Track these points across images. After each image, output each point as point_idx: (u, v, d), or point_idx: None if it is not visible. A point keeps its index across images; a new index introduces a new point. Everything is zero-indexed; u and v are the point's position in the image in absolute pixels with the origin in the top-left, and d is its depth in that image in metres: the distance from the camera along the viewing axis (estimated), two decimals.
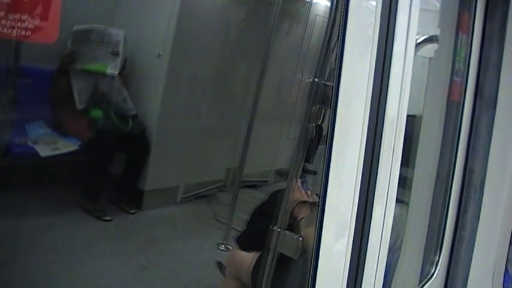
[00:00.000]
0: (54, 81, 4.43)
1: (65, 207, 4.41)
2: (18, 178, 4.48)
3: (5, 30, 1.10)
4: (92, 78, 4.51)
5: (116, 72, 4.52)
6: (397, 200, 1.62)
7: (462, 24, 2.25)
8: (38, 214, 4.16)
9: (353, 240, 1.43)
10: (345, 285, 1.43)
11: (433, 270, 2.37)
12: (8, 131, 3.70)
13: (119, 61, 4.53)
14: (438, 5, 2.32)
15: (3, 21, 1.09)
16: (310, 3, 6.25)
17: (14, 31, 1.11)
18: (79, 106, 4.44)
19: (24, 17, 1.11)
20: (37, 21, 1.14)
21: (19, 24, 1.11)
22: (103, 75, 4.51)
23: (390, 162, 1.52)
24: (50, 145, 4.21)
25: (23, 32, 1.12)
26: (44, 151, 4.12)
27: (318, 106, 1.61)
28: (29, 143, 4.15)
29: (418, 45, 1.94)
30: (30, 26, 1.13)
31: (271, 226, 1.76)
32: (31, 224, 4.00)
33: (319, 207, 1.36)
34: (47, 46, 3.77)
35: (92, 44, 4.49)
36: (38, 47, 3.43)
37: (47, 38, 1.19)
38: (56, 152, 4.19)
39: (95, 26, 4.52)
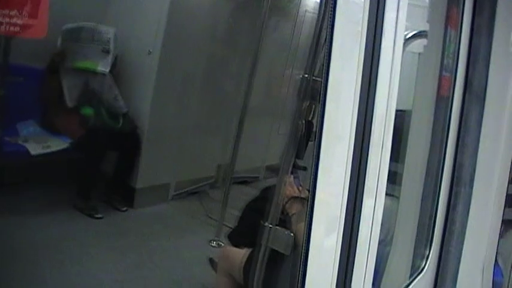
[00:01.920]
0: (45, 79, 4.41)
1: (56, 205, 4.40)
2: (8, 177, 4.46)
3: None
4: (83, 76, 4.50)
5: (107, 69, 4.52)
6: (387, 195, 1.63)
7: (451, 19, 2.26)
8: (29, 213, 4.15)
9: (343, 235, 1.43)
10: (335, 280, 1.44)
11: (423, 264, 2.38)
12: None
13: (109, 59, 4.53)
14: (427, 0, 2.33)
15: None
16: None
17: (3, 27, 1.11)
18: (69, 104, 4.43)
19: (12, 13, 1.11)
20: (26, 17, 1.14)
21: (7, 19, 1.11)
22: (94, 72, 4.50)
23: (379, 157, 1.52)
24: (40, 143, 4.20)
25: (11, 28, 1.12)
26: (34, 149, 4.11)
27: (308, 102, 1.62)
28: (20, 142, 4.14)
29: (407, 41, 1.96)
30: (19, 22, 1.13)
31: (262, 222, 1.77)
32: (22, 222, 3.98)
33: (308, 202, 1.36)
34: (38, 44, 3.75)
35: (82, 42, 4.49)
36: (28, 45, 3.42)
37: (36, 33, 1.19)
38: (46, 150, 4.18)
39: (84, 24, 4.51)
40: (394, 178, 2.20)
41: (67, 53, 4.43)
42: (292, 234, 1.72)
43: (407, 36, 2.11)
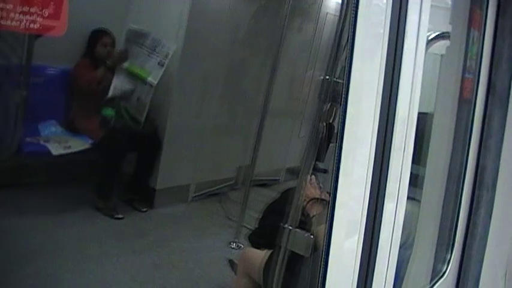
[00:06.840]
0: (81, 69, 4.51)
1: (77, 205, 4.44)
2: (30, 177, 4.50)
3: (13, 23, 1.10)
4: (132, 80, 4.57)
5: (155, 82, 4.54)
6: (409, 198, 1.62)
7: (474, 21, 2.23)
8: (50, 212, 4.19)
9: (364, 238, 1.42)
10: (356, 283, 1.43)
11: (444, 269, 2.36)
12: (20, 130, 3.71)
13: (161, 72, 4.56)
14: (449, 1, 2.31)
15: (12, 14, 1.09)
16: (321, 1, 6.23)
17: (22, 24, 1.11)
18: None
19: (32, 10, 1.12)
20: (45, 15, 1.14)
21: (28, 17, 1.11)
22: (143, 80, 4.56)
23: (401, 160, 1.51)
24: (61, 143, 4.22)
25: (31, 25, 1.12)
26: (55, 150, 4.14)
27: (329, 104, 1.61)
28: (41, 142, 4.17)
29: (429, 42, 1.93)
30: (38, 20, 1.13)
31: (282, 224, 1.76)
32: (43, 222, 4.02)
33: (329, 204, 1.36)
34: (58, 44, 3.76)
35: (144, 49, 4.55)
36: (50, 45, 3.45)
37: (55, 31, 1.19)
38: (67, 151, 4.20)
39: (152, 33, 4.58)
40: (415, 181, 2.18)
41: (129, 54, 4.57)
42: (312, 237, 1.71)
43: (430, 38, 2.09)
